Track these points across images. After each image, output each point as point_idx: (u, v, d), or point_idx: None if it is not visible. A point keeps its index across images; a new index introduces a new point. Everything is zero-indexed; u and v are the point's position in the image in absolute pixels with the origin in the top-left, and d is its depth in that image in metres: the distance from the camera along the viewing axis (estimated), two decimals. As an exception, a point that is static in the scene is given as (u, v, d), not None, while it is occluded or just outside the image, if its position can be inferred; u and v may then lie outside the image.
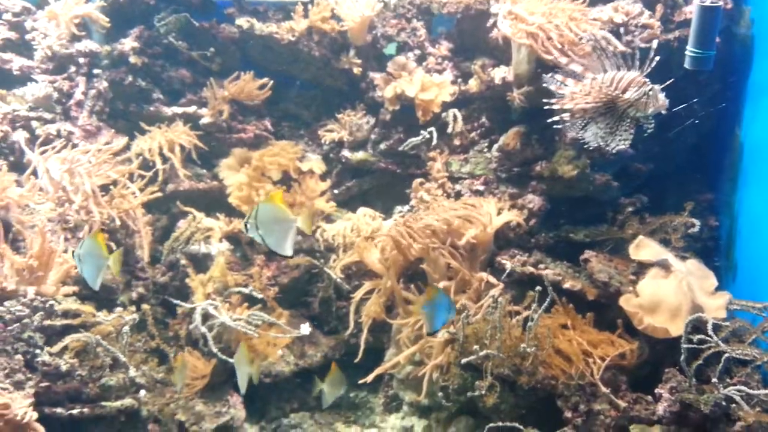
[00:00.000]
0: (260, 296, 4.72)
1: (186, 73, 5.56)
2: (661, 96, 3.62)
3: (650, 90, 3.57)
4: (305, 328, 4.56)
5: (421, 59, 5.51)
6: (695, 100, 4.39)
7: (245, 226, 3.13)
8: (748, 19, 4.68)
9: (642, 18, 4.62)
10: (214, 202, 5.42)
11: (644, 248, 4.42)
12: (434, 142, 5.21)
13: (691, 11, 4.59)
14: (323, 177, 5.58)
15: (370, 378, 4.49)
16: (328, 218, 5.46)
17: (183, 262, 4.90)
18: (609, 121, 3.81)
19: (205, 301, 4.53)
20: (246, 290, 4.64)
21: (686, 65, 3.90)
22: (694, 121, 4.63)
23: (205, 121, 5.44)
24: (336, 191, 5.59)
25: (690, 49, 3.80)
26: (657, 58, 3.57)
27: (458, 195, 5.26)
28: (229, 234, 5.23)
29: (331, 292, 5.12)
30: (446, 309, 3.53)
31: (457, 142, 5.41)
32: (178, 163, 5.12)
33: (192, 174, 5.39)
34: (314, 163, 5.56)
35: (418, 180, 5.28)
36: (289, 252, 3.25)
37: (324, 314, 5.28)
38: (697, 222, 4.60)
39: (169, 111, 5.44)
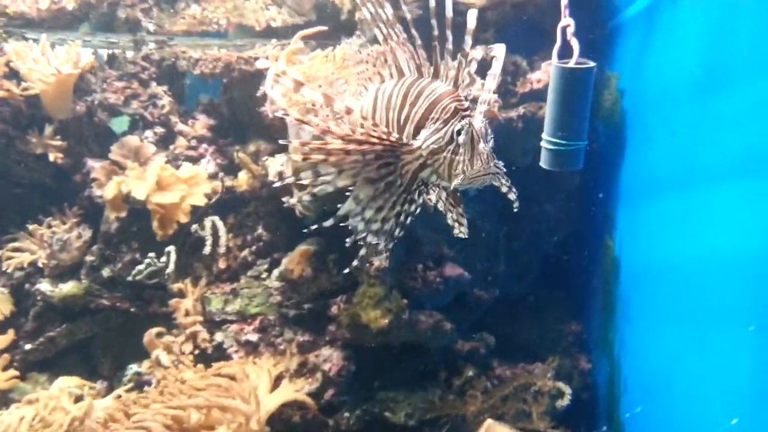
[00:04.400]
0: None
1: None
2: (485, 150, 1.66)
3: (464, 130, 1.65)
4: None
5: (166, 141, 3.69)
6: None
7: None
8: (615, 89, 3.38)
9: (473, 89, 3.16)
10: None
11: (495, 442, 2.81)
12: (170, 268, 3.35)
13: (540, 79, 3.20)
14: (9, 324, 3.49)
15: None
16: (6, 396, 3.34)
17: None
18: (392, 191, 1.80)
19: None
20: None
21: (543, 163, 2.40)
22: None
23: None
24: (29, 346, 3.51)
25: (547, 139, 2.30)
26: (477, 53, 1.85)
27: (220, 351, 3.40)
28: None
29: None
30: None
31: (221, 264, 3.60)
32: None
33: None
34: (-12, 303, 3.45)
35: (154, 330, 3.36)
36: None
37: None
38: (567, 391, 3.11)
39: None
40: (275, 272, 3.49)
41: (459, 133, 1.67)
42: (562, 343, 3.91)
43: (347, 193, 1.81)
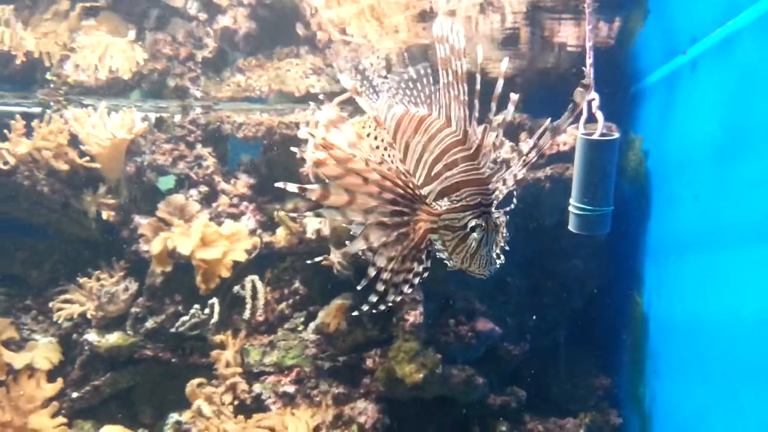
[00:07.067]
0: None
1: None
2: (487, 256, 1.73)
3: (477, 230, 1.70)
4: None
5: (209, 199, 3.89)
6: None
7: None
8: (639, 150, 3.51)
9: (502, 151, 3.32)
10: None
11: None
12: (214, 319, 3.50)
13: (566, 142, 3.36)
14: (56, 373, 3.64)
15: None
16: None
17: None
18: (404, 244, 1.80)
19: None
20: None
21: (571, 227, 2.53)
22: None
23: None
24: (76, 394, 3.65)
25: (575, 204, 2.44)
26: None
27: (258, 402, 3.51)
28: None
29: None
30: None
31: (259, 317, 3.73)
32: None
33: None
34: (39, 352, 3.64)
35: (196, 381, 3.49)
36: None
37: None
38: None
39: None
40: (311, 325, 3.61)
41: (474, 229, 1.71)
42: (593, 398, 3.93)
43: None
